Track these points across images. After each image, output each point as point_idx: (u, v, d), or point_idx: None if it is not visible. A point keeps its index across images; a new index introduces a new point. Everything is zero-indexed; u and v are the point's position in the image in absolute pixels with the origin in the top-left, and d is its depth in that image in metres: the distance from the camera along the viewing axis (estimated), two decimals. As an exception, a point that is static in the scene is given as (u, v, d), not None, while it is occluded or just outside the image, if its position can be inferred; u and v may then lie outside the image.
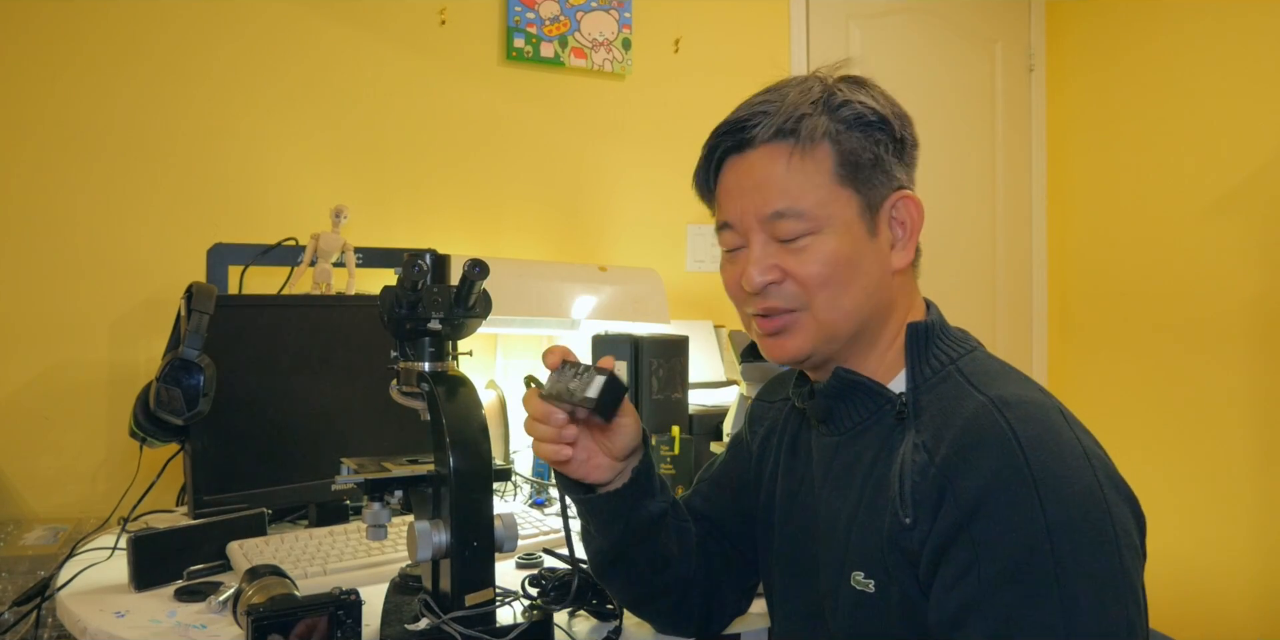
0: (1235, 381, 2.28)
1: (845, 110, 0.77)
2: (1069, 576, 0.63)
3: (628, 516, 0.86)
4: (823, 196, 0.76)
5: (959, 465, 0.69)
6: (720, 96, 2.25)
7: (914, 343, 0.80)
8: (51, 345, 1.65)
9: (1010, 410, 0.70)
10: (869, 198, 0.77)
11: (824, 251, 0.76)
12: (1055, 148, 2.79)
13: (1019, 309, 2.79)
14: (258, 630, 0.81)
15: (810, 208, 0.76)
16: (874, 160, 0.77)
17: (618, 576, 0.91)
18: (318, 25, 1.87)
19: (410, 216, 1.96)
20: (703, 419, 1.57)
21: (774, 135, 0.77)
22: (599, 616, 1.00)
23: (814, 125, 0.76)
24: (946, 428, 0.72)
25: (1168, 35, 2.43)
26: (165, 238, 1.73)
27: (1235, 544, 2.27)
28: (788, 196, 0.76)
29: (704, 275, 2.29)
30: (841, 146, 0.76)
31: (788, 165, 0.76)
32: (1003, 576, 0.64)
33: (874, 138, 0.77)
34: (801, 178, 0.76)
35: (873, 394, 0.79)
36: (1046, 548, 0.64)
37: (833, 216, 0.76)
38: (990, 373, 0.77)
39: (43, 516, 1.62)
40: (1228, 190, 2.29)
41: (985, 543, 0.66)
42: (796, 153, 0.76)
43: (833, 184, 0.76)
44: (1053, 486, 0.65)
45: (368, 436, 1.42)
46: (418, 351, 0.93)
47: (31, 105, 1.66)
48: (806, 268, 0.76)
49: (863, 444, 0.79)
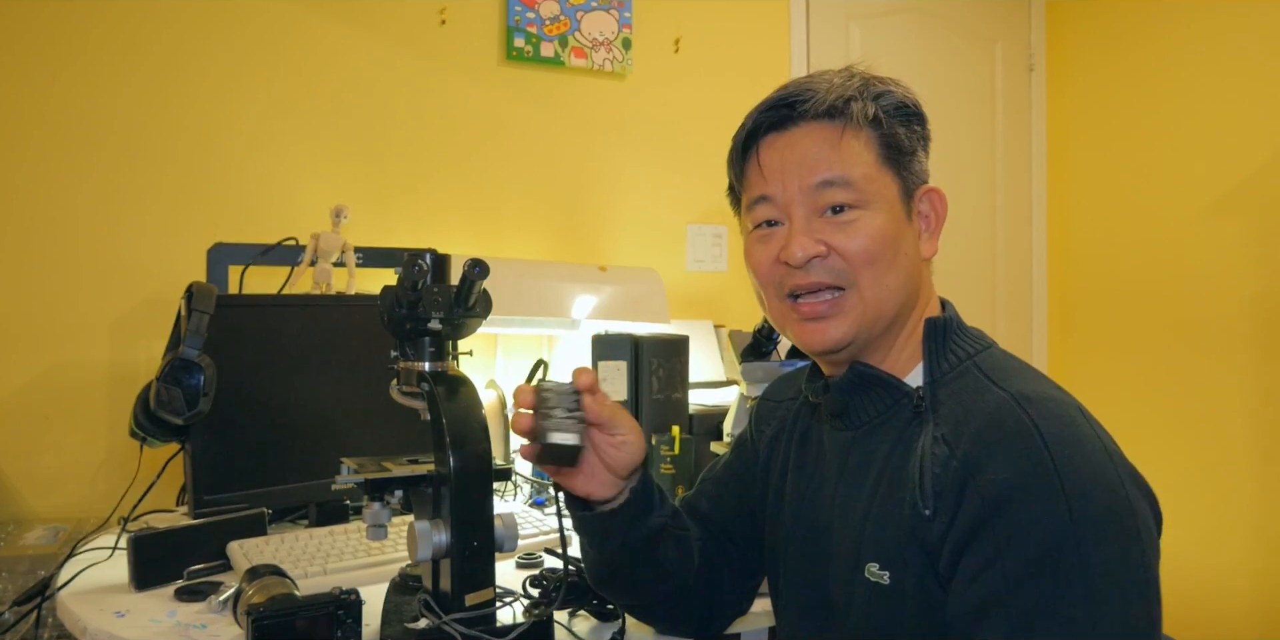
0: (1235, 381, 2.28)
1: (887, 99, 0.80)
2: (1093, 571, 0.63)
3: (624, 534, 0.85)
4: (870, 173, 0.77)
5: (982, 459, 0.69)
6: (720, 96, 2.28)
7: (932, 337, 0.80)
8: (51, 345, 1.65)
9: (1032, 406, 0.70)
10: (906, 184, 0.80)
11: (872, 226, 0.77)
12: (1055, 148, 2.79)
13: (1019, 309, 2.79)
14: (258, 630, 0.81)
15: (859, 180, 0.77)
16: (911, 149, 0.80)
17: (616, 588, 0.91)
18: (318, 25, 1.87)
19: (410, 216, 1.96)
20: (703, 419, 1.57)
21: (824, 113, 0.78)
22: (600, 617, 1.00)
23: (862, 108, 0.78)
24: (967, 421, 0.72)
25: (1168, 35, 2.43)
26: (165, 238, 1.73)
27: (1235, 544, 2.27)
28: (838, 167, 0.77)
29: (704, 275, 2.29)
30: (884, 131, 0.78)
31: (838, 142, 0.78)
32: (1027, 570, 0.64)
33: (912, 128, 0.80)
34: (850, 154, 0.77)
35: (890, 388, 0.79)
36: (1072, 542, 0.63)
37: (880, 193, 0.78)
38: (1008, 369, 0.77)
39: (43, 516, 1.62)
40: (1228, 190, 2.29)
41: (1010, 536, 0.65)
42: (847, 131, 0.78)
43: (879, 164, 0.78)
44: (1077, 481, 0.65)
45: (368, 436, 1.41)
46: (418, 351, 0.93)
47: (32, 105, 1.66)
48: (854, 242, 0.76)
49: (878, 438, 0.80)
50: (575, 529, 0.88)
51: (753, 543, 0.96)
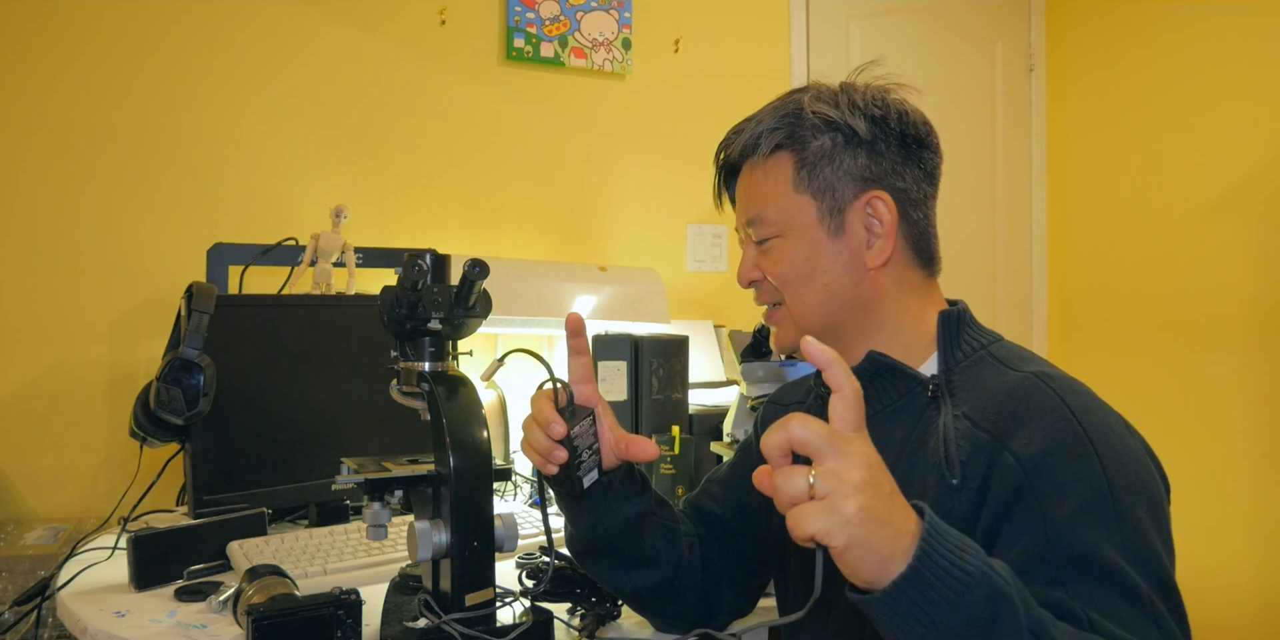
0: (1235, 381, 2.28)
1: (805, 120, 0.83)
2: (1129, 527, 0.65)
3: (600, 515, 0.87)
4: (782, 204, 0.84)
5: (1012, 428, 0.71)
6: (720, 96, 2.28)
7: (946, 328, 0.83)
8: (51, 345, 1.65)
9: (1055, 382, 0.74)
10: (829, 201, 0.82)
11: (784, 253, 0.84)
12: (1055, 148, 2.79)
13: (1019, 309, 2.79)
14: (258, 630, 0.81)
15: (770, 214, 0.84)
16: (835, 164, 0.82)
17: (596, 566, 0.93)
18: (318, 25, 1.87)
19: (410, 216, 1.96)
20: (703, 419, 1.57)
21: (743, 153, 0.87)
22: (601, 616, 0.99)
23: (771, 140, 0.84)
24: (988, 399, 0.75)
25: (1168, 35, 2.43)
26: (165, 238, 1.73)
27: (1235, 544, 2.27)
28: (754, 205, 0.86)
29: (704, 275, 2.29)
30: (800, 155, 0.83)
31: (751, 178, 0.87)
32: (1070, 520, 0.65)
33: (835, 141, 0.82)
34: (765, 188, 0.85)
35: (904, 376, 0.82)
36: (1110, 499, 0.66)
37: (791, 221, 0.83)
38: (1023, 356, 0.81)
39: (43, 516, 1.62)
40: (1228, 190, 2.29)
41: (1049, 495, 0.67)
42: (759, 167, 0.85)
43: (792, 192, 0.83)
44: (1109, 447, 0.68)
45: (368, 436, 1.42)
46: (418, 351, 0.93)
47: (33, 105, 1.66)
48: (774, 268, 0.85)
49: (893, 423, 0.81)
50: (555, 500, 0.91)
51: (755, 543, 0.96)
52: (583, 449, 0.83)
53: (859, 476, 0.54)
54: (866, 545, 0.54)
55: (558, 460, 0.82)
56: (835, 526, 0.53)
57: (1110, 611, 0.61)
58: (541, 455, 0.82)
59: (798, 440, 0.55)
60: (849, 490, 0.54)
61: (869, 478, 0.55)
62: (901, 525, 0.55)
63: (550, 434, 0.81)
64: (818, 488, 0.54)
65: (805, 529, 0.54)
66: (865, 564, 0.54)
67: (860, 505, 0.53)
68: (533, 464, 0.85)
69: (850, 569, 0.55)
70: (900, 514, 0.56)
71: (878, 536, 0.54)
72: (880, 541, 0.54)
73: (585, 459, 0.83)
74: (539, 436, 0.82)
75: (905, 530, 0.55)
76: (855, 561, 0.54)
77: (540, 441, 0.82)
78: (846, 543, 0.53)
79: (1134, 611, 0.62)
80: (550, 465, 0.83)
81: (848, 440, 0.56)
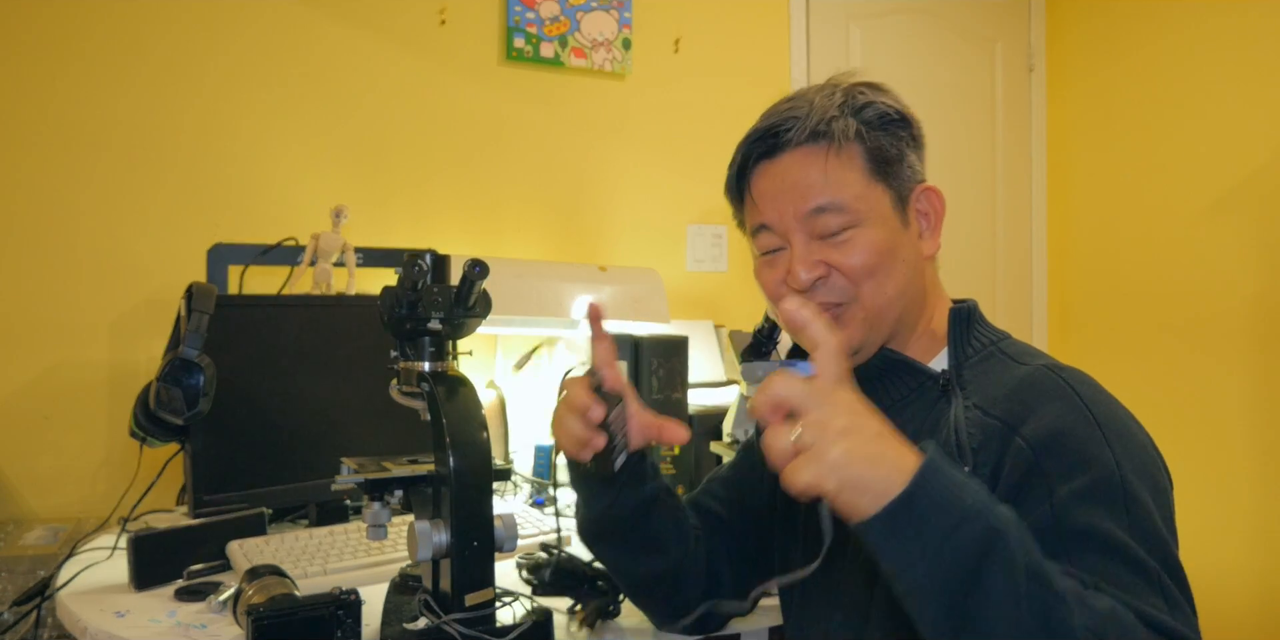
0: (1235, 381, 2.28)
1: (869, 111, 0.81)
2: (1137, 508, 0.66)
3: (618, 494, 0.86)
4: (860, 191, 0.80)
5: (1023, 414, 0.72)
6: (720, 96, 2.28)
7: (957, 324, 0.84)
8: (51, 345, 1.65)
9: (1064, 373, 0.75)
10: (899, 191, 0.82)
11: (867, 242, 0.80)
12: (1055, 148, 2.79)
13: (1019, 309, 2.79)
14: (258, 630, 0.81)
15: (850, 201, 0.80)
16: (899, 156, 0.82)
17: (607, 551, 0.91)
18: (318, 25, 1.87)
19: (410, 216, 1.96)
20: (703, 419, 1.57)
21: (808, 138, 0.80)
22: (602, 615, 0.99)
23: (844, 126, 0.80)
24: (997, 390, 0.76)
25: (1168, 35, 2.43)
26: (165, 238, 1.73)
27: (1235, 544, 2.27)
28: (827, 192, 0.80)
29: (704, 275, 2.29)
30: (869, 145, 0.81)
31: (825, 165, 0.80)
32: (1076, 496, 0.66)
33: (897, 135, 0.82)
34: (838, 175, 0.80)
35: (915, 371, 0.83)
36: (1118, 479, 0.66)
37: (871, 209, 0.80)
38: (1031, 352, 0.82)
39: (43, 516, 1.62)
40: (1228, 190, 2.29)
41: (1058, 474, 0.68)
42: (831, 152, 0.80)
43: (867, 180, 0.81)
44: (1117, 433, 0.70)
45: (368, 436, 1.42)
46: (418, 351, 0.93)
47: (32, 105, 1.66)
48: (852, 259, 0.80)
49: (904, 417, 0.81)
50: (570, 482, 0.89)
51: (756, 542, 0.96)
52: (617, 432, 0.81)
53: (841, 422, 0.56)
54: (858, 485, 0.55)
55: (596, 447, 0.79)
56: (824, 471, 0.54)
57: (1116, 580, 0.62)
58: (582, 442, 0.79)
59: (781, 398, 0.57)
60: (832, 436, 0.55)
61: (852, 422, 0.56)
62: (897, 462, 0.56)
63: (591, 418, 0.79)
64: (803, 439, 0.55)
65: (798, 481, 0.55)
66: (861, 502, 0.55)
67: (845, 449, 0.55)
68: (564, 451, 0.82)
69: (849, 509, 0.56)
70: (895, 452, 0.57)
71: (870, 475, 0.55)
72: (873, 479, 0.55)
73: (618, 442, 0.81)
74: (576, 423, 0.79)
75: (901, 467, 0.56)
76: (851, 502, 0.55)
77: (578, 429, 0.79)
78: (838, 486, 0.55)
79: (1139, 580, 0.62)
80: (587, 451, 0.80)
81: (828, 391, 0.57)
